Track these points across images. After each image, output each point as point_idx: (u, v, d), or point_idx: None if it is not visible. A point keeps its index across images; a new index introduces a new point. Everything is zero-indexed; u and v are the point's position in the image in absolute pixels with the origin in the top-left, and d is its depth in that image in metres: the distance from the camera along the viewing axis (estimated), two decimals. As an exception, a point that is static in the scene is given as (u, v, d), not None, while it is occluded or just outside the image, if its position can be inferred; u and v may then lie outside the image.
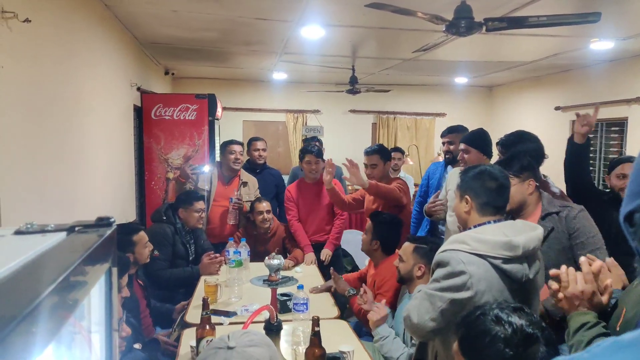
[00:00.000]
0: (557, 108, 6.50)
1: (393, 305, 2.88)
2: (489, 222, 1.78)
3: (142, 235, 2.81)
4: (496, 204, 1.80)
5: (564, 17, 2.64)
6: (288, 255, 4.19)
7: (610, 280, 1.45)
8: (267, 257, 2.87)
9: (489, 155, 3.07)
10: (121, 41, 4.20)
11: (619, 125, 5.62)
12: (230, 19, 3.90)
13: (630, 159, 2.65)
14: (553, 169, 2.87)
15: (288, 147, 7.93)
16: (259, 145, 4.61)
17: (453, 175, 3.30)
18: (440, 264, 1.72)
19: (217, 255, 3.58)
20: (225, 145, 4.23)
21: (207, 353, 1.23)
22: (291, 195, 4.13)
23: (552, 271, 1.48)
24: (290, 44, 4.70)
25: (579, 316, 1.39)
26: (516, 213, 2.26)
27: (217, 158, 5.37)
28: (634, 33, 4.11)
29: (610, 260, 1.68)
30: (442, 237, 3.35)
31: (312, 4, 3.37)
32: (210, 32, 4.39)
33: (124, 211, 4.21)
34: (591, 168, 5.51)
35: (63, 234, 0.61)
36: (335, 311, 2.96)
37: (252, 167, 4.60)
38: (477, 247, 1.66)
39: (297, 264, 3.85)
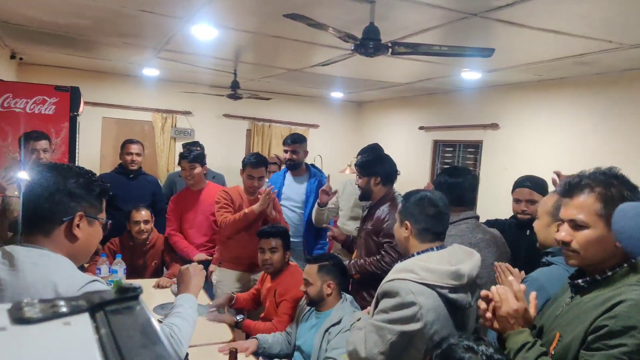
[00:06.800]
0: (421, 128, 7.00)
1: (293, 316, 2.79)
2: (432, 249, 1.77)
3: None
4: (436, 230, 1.80)
5: (463, 48, 2.81)
6: (165, 270, 3.87)
7: (534, 293, 1.48)
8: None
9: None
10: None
11: (475, 147, 6.23)
12: (110, 8, 3.46)
13: (522, 184, 2.71)
14: (413, 184, 2.57)
15: (154, 149, 7.37)
16: (134, 148, 4.19)
17: (348, 186, 3.66)
18: (388, 294, 1.65)
19: None
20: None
21: None
22: (175, 207, 3.81)
23: (483, 292, 1.48)
24: (174, 41, 4.36)
25: (516, 336, 1.38)
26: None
27: (77, 160, 4.77)
28: (496, 67, 4.58)
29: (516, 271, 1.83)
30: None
31: (214, 3, 3.14)
32: (83, 19, 3.86)
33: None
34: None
35: None
36: (229, 334, 2.77)
37: (125, 172, 4.16)
38: (426, 277, 1.63)
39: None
